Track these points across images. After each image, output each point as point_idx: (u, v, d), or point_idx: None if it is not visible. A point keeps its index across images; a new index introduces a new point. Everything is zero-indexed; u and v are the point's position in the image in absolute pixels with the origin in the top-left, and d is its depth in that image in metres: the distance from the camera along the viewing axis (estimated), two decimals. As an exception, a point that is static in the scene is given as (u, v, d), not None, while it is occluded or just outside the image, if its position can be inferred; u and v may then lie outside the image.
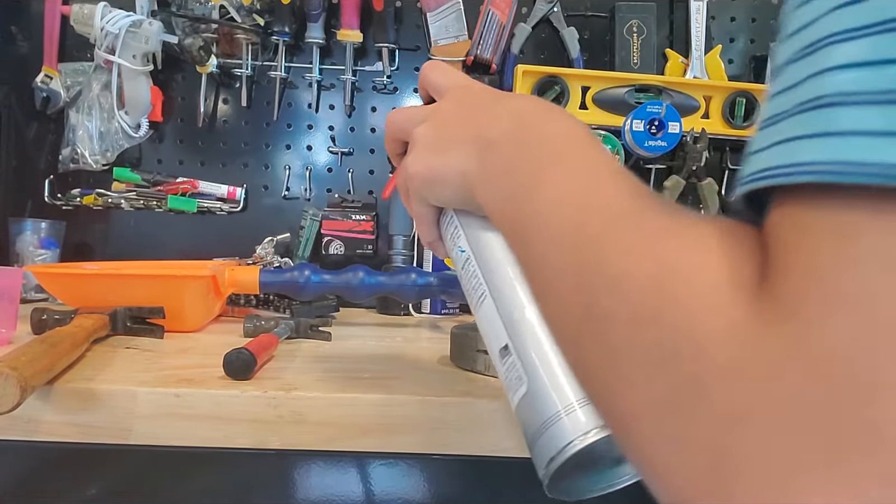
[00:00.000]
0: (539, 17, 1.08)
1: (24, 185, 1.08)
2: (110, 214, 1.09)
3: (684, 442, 0.19)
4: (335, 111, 1.11)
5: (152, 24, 0.99)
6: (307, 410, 0.47)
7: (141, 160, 1.10)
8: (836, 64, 0.18)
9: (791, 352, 0.17)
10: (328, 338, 0.71)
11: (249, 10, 1.02)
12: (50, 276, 0.76)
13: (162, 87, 1.07)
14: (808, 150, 0.18)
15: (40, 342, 0.48)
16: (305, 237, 1.09)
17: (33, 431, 0.47)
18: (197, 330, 0.75)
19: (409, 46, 1.10)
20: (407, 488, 0.53)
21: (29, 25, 1.08)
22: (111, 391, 0.47)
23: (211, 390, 0.48)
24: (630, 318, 0.21)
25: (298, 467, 0.53)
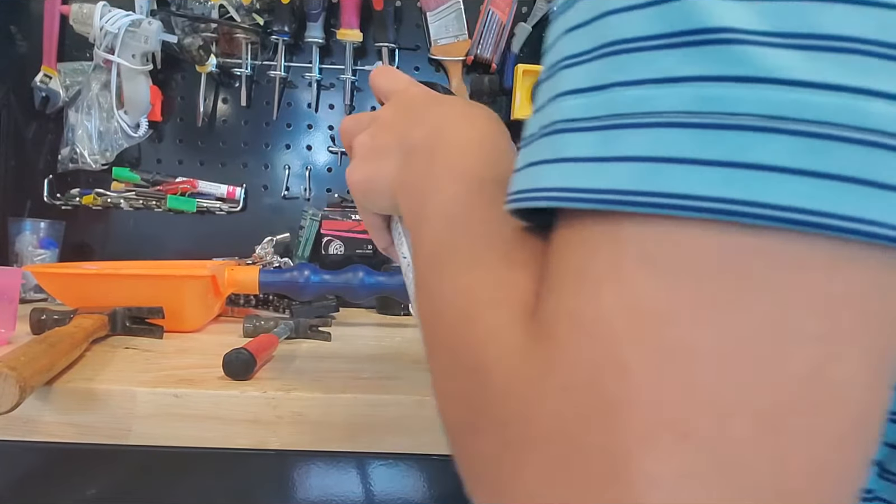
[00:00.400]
0: (539, 16, 1.08)
1: (24, 184, 1.08)
2: (109, 214, 1.08)
3: (472, 460, 0.21)
4: (335, 111, 1.11)
5: (151, 24, 0.99)
6: (307, 410, 0.47)
7: (140, 160, 1.09)
8: (564, 90, 0.19)
9: (546, 375, 0.18)
10: (328, 338, 0.71)
11: (249, 9, 1.02)
12: (49, 276, 0.76)
13: (161, 86, 1.07)
14: (545, 175, 0.19)
15: (39, 342, 0.48)
16: (305, 237, 1.09)
17: (32, 431, 0.47)
18: (196, 330, 0.75)
19: (409, 46, 1.10)
20: (407, 488, 0.53)
21: (28, 25, 1.08)
22: (110, 391, 0.47)
23: (210, 390, 0.48)
24: (444, 346, 0.24)
25: (298, 467, 0.53)
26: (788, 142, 0.16)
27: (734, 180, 0.16)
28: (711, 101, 0.16)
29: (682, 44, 0.17)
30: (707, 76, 0.16)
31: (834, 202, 0.15)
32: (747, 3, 0.16)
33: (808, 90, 0.16)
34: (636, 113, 0.17)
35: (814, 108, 0.16)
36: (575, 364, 0.18)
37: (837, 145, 0.15)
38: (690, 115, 0.17)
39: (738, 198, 0.16)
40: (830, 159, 0.15)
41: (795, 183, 0.16)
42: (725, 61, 0.16)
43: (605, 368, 0.17)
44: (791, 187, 0.16)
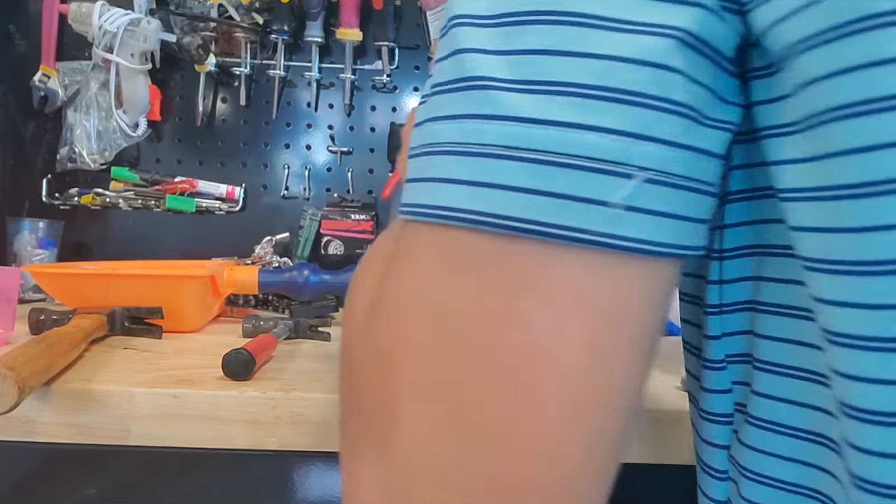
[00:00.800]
0: (538, 16, 1.08)
1: (22, 184, 1.07)
2: (108, 214, 1.08)
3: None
4: (334, 110, 1.11)
5: (150, 23, 0.99)
6: (306, 411, 0.47)
7: (139, 159, 1.09)
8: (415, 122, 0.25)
9: (365, 337, 0.25)
10: (327, 338, 0.71)
11: (248, 8, 1.02)
12: (48, 275, 0.76)
13: (160, 85, 1.06)
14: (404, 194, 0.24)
15: (38, 342, 0.48)
16: (304, 237, 1.08)
17: (31, 432, 0.46)
18: (195, 330, 0.75)
19: (409, 45, 1.10)
20: (406, 489, 0.53)
21: (27, 24, 1.07)
22: (109, 392, 0.47)
23: (209, 391, 0.47)
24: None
25: (297, 468, 0.53)
26: (519, 166, 0.20)
27: (479, 196, 0.20)
28: (469, 133, 0.21)
29: (458, 89, 0.22)
30: (469, 114, 0.21)
31: (550, 214, 0.20)
32: (500, 57, 0.21)
33: (536, 125, 0.20)
34: (432, 143, 0.22)
35: (538, 140, 0.20)
36: (380, 330, 0.23)
37: (556, 169, 0.20)
38: (456, 144, 0.21)
39: (482, 210, 0.20)
40: (549, 180, 0.20)
41: (523, 198, 0.20)
42: (480, 102, 0.21)
43: (393, 335, 0.23)
44: (520, 202, 0.20)
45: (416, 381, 0.22)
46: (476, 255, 0.21)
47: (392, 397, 0.22)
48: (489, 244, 0.21)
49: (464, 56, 0.22)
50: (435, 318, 0.21)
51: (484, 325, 0.21)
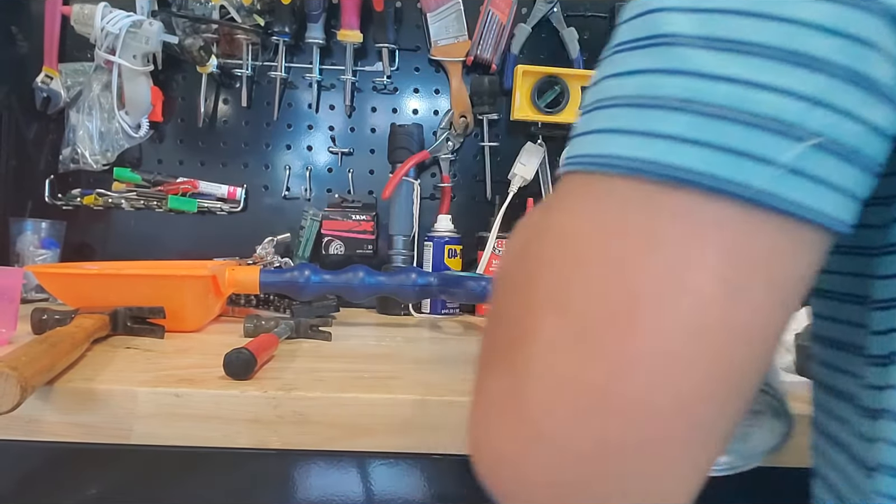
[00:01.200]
0: (539, 17, 1.08)
1: (25, 185, 1.08)
2: (111, 214, 1.09)
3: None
4: (335, 111, 1.11)
5: (152, 25, 0.99)
6: (307, 410, 0.47)
7: (141, 160, 1.10)
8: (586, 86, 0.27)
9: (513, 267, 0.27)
10: (328, 338, 0.71)
11: (249, 10, 1.02)
12: (50, 276, 0.77)
13: (162, 87, 1.07)
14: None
15: (40, 342, 0.48)
16: (305, 237, 1.09)
17: (34, 431, 0.47)
18: (197, 330, 0.75)
19: (409, 47, 1.10)
20: (407, 488, 0.53)
21: (29, 25, 1.08)
22: (111, 391, 0.47)
23: (211, 390, 0.48)
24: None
25: (298, 467, 0.53)
26: (692, 119, 0.21)
27: (645, 145, 0.22)
28: (646, 86, 0.22)
29: (643, 46, 0.23)
30: (650, 69, 0.22)
31: (715, 166, 0.21)
32: (691, 14, 0.22)
33: (716, 81, 0.21)
34: (604, 98, 0.24)
35: (717, 95, 0.21)
36: (529, 255, 0.26)
37: (730, 124, 0.21)
38: (630, 97, 0.23)
39: (645, 157, 0.22)
40: (721, 134, 0.21)
41: (690, 150, 0.21)
42: (664, 57, 0.22)
43: (538, 258, 0.25)
44: (686, 153, 0.21)
45: (550, 296, 0.23)
46: (629, 200, 0.22)
47: (527, 312, 0.24)
48: (643, 190, 0.22)
49: (656, 15, 0.23)
50: (577, 244, 0.23)
51: (621, 250, 0.22)
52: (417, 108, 1.11)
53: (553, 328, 0.22)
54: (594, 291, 0.22)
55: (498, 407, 0.24)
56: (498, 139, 1.10)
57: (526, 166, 1.03)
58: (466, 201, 1.11)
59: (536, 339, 0.23)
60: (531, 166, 1.03)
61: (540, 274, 0.24)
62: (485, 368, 0.26)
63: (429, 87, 1.11)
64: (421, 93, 1.11)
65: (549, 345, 0.22)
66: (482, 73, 1.09)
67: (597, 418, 0.21)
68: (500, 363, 0.24)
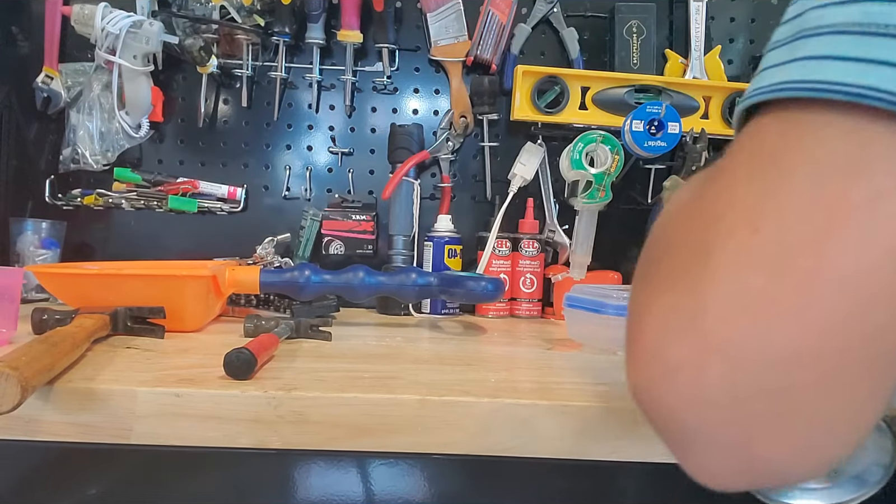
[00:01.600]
0: (539, 17, 1.08)
1: (25, 185, 1.08)
2: (111, 214, 1.09)
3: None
4: (335, 111, 1.11)
5: (153, 25, 0.99)
6: (307, 410, 0.47)
7: (141, 160, 1.10)
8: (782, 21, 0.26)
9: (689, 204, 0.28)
10: (328, 338, 0.71)
11: (250, 10, 1.02)
12: (51, 275, 0.77)
13: (162, 87, 1.07)
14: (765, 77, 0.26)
15: (41, 342, 0.48)
16: (306, 237, 1.09)
17: (34, 431, 0.47)
18: (197, 330, 0.75)
19: (409, 47, 1.10)
20: (407, 488, 0.53)
21: (29, 26, 1.08)
22: (112, 391, 0.47)
23: (211, 390, 0.48)
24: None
25: (299, 467, 0.54)
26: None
27: (870, 72, 0.21)
28: (870, 15, 0.22)
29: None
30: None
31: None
32: None
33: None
34: (812, 27, 0.24)
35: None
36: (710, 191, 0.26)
37: None
38: (849, 25, 0.22)
39: (870, 84, 0.21)
40: None
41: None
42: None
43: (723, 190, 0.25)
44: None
45: (742, 214, 0.23)
46: (841, 125, 0.22)
47: (713, 232, 0.24)
48: (858, 116, 0.22)
49: None
50: (779, 162, 0.23)
51: (827, 172, 0.22)
52: (417, 108, 1.11)
53: (744, 244, 0.23)
54: (793, 210, 0.22)
55: (675, 322, 0.24)
56: (498, 139, 1.10)
57: (526, 166, 1.03)
58: (466, 201, 1.11)
59: (724, 255, 0.23)
60: (531, 166, 1.03)
61: (732, 193, 0.24)
62: (655, 289, 0.26)
63: (429, 88, 1.11)
64: (421, 93, 1.11)
65: (739, 260, 0.23)
66: (482, 73, 1.09)
67: (783, 330, 0.22)
68: (678, 282, 0.25)
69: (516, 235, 1.03)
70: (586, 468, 0.51)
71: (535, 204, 1.06)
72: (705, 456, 0.25)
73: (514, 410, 0.48)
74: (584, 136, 0.96)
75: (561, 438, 0.48)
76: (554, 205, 1.06)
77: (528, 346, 0.76)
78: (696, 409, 0.24)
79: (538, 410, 0.48)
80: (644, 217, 1.02)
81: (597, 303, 0.69)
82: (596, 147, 0.96)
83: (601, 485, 0.54)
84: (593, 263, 0.98)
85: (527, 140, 1.06)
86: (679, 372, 0.24)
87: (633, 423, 0.47)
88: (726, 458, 0.24)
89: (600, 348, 0.71)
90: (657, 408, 0.25)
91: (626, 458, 0.48)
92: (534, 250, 1.03)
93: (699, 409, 0.23)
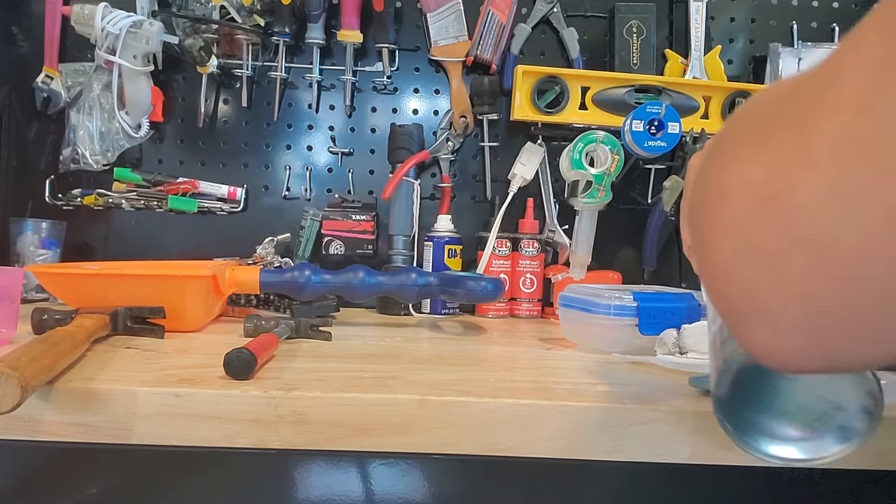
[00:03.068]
0: (539, 17, 1.08)
1: (25, 185, 1.08)
2: (111, 214, 1.09)
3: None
4: (335, 111, 1.11)
5: (153, 25, 0.99)
6: (307, 410, 0.47)
7: (141, 160, 1.10)
8: None
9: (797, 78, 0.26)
10: (328, 338, 0.71)
11: (250, 10, 1.02)
12: (51, 275, 0.77)
13: (162, 87, 1.07)
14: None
15: (41, 342, 0.48)
16: (306, 237, 1.09)
17: (34, 431, 0.47)
18: (197, 330, 0.76)
19: (409, 47, 1.10)
20: (407, 488, 0.53)
21: (29, 26, 1.08)
22: (112, 391, 0.47)
23: (211, 390, 0.48)
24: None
25: (299, 467, 0.54)
26: None
27: None
28: None
29: None
30: None
31: None
32: None
33: None
34: None
35: None
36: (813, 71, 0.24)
37: None
38: None
39: None
40: None
41: None
42: None
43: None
44: None
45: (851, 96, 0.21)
46: None
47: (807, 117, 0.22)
48: None
49: None
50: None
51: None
52: (417, 108, 1.11)
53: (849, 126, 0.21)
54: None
55: (763, 199, 0.23)
56: (498, 139, 1.10)
57: (526, 166, 1.03)
58: (466, 201, 1.11)
59: (823, 136, 0.21)
60: (531, 166, 1.03)
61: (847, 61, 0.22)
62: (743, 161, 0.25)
63: (429, 87, 1.11)
64: (421, 93, 1.11)
65: (839, 143, 0.21)
66: (482, 73, 1.09)
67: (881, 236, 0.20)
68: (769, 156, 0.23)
69: (516, 235, 1.03)
70: (586, 468, 0.51)
71: (535, 204, 1.06)
72: (773, 334, 0.24)
73: (514, 410, 0.48)
74: (584, 136, 0.96)
75: (561, 438, 0.48)
76: (554, 205, 1.06)
77: (528, 346, 0.76)
78: (775, 290, 0.23)
79: (538, 410, 0.48)
80: (644, 217, 1.02)
81: (589, 302, 0.69)
82: (596, 147, 0.96)
83: (601, 485, 0.54)
84: (593, 263, 0.98)
85: (527, 140, 1.06)
86: (761, 251, 0.23)
87: (632, 423, 0.47)
88: (796, 339, 0.24)
89: (593, 348, 0.71)
90: (731, 279, 0.24)
91: (626, 459, 0.48)
92: (534, 250, 1.03)
93: (779, 292, 0.23)
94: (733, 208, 0.24)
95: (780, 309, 0.23)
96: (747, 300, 0.24)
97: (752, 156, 0.24)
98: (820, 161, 0.21)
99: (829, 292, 0.22)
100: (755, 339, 0.25)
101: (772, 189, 0.23)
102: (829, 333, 0.23)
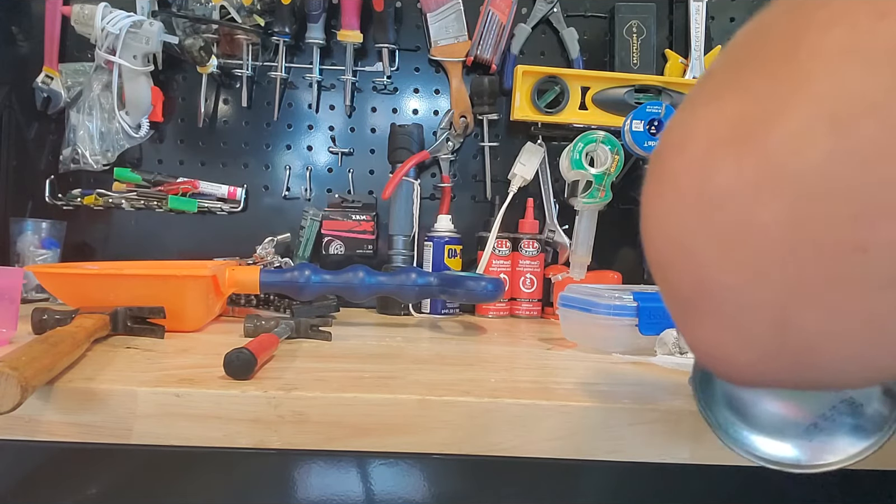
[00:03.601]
0: (539, 17, 1.08)
1: (25, 185, 1.08)
2: (111, 214, 1.09)
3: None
4: (335, 111, 1.11)
5: (153, 25, 0.99)
6: (307, 410, 0.47)
7: (141, 160, 1.10)
8: None
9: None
10: (328, 338, 0.71)
11: (250, 10, 1.02)
12: (51, 275, 0.77)
13: (162, 87, 1.07)
14: None
15: (41, 342, 0.48)
16: (306, 237, 1.09)
17: (34, 431, 0.47)
18: (197, 330, 0.76)
19: (409, 47, 1.10)
20: (407, 488, 0.53)
21: (29, 26, 1.08)
22: (112, 391, 0.47)
23: (211, 390, 0.48)
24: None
25: (299, 467, 0.54)
26: None
27: None
28: None
29: None
30: None
31: None
32: None
33: None
34: None
35: None
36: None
37: None
38: None
39: None
40: None
41: None
42: None
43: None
44: None
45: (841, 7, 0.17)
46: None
47: (800, 32, 0.18)
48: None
49: None
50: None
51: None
52: (417, 108, 1.11)
53: (849, 35, 0.17)
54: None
55: (734, 134, 0.18)
56: (498, 139, 1.10)
57: (526, 166, 1.03)
58: (466, 201, 1.11)
59: (819, 51, 0.17)
60: (531, 166, 1.03)
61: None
62: (713, 94, 0.20)
63: (429, 87, 1.11)
64: (421, 93, 1.11)
65: (838, 56, 0.17)
66: (482, 73, 1.09)
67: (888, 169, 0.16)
68: (746, 85, 0.19)
69: (516, 235, 1.03)
70: (586, 468, 0.51)
71: (535, 204, 1.06)
72: (727, 331, 0.18)
73: (514, 410, 0.48)
74: (584, 136, 0.96)
75: (561, 438, 0.48)
76: (554, 205, 1.06)
77: (528, 346, 0.76)
78: (736, 266, 0.17)
79: (538, 410, 0.48)
80: (644, 217, 1.02)
81: (589, 302, 0.69)
82: (596, 147, 0.96)
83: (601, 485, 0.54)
84: (593, 263, 0.98)
85: (527, 140, 1.06)
86: (728, 201, 0.17)
87: (631, 423, 0.47)
88: (754, 331, 0.18)
89: (593, 348, 0.71)
90: (681, 252, 0.18)
91: (626, 459, 0.48)
92: (534, 250, 1.03)
93: (741, 268, 0.17)
94: (691, 152, 0.19)
95: (740, 293, 0.17)
96: (695, 280, 0.18)
97: (720, 91, 0.20)
98: (813, 80, 0.17)
99: (817, 269, 0.16)
100: (700, 336, 0.19)
101: (746, 129, 0.18)
102: (811, 333, 0.17)
